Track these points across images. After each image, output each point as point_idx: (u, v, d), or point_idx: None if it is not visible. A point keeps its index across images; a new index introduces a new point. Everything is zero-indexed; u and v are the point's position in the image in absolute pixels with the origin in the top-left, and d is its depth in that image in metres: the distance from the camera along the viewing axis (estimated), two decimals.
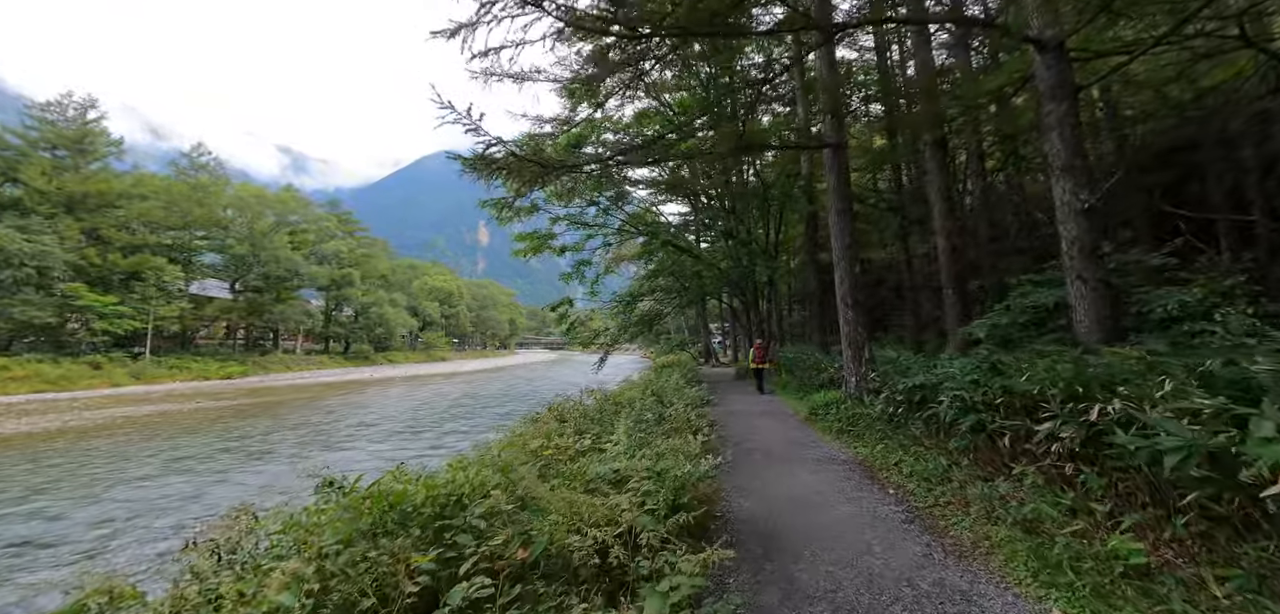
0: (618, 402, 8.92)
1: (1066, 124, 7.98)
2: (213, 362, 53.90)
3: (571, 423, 7.07)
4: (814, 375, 14.36)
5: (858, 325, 10.57)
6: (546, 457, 5.54)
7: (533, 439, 6.33)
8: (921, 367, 8.04)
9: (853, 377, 10.46)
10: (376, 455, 13.70)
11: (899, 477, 6.08)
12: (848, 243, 10.89)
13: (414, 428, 18.93)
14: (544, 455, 5.53)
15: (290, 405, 28.69)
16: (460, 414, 22.00)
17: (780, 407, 13.28)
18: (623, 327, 24.31)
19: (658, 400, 9.58)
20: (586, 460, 5.08)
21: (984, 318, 8.86)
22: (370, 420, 20.89)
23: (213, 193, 58.14)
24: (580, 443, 5.86)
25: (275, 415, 24.42)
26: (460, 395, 31.60)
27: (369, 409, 25.17)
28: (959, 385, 6.10)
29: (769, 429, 9.83)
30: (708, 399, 14.46)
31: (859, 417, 8.86)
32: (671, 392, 11.23)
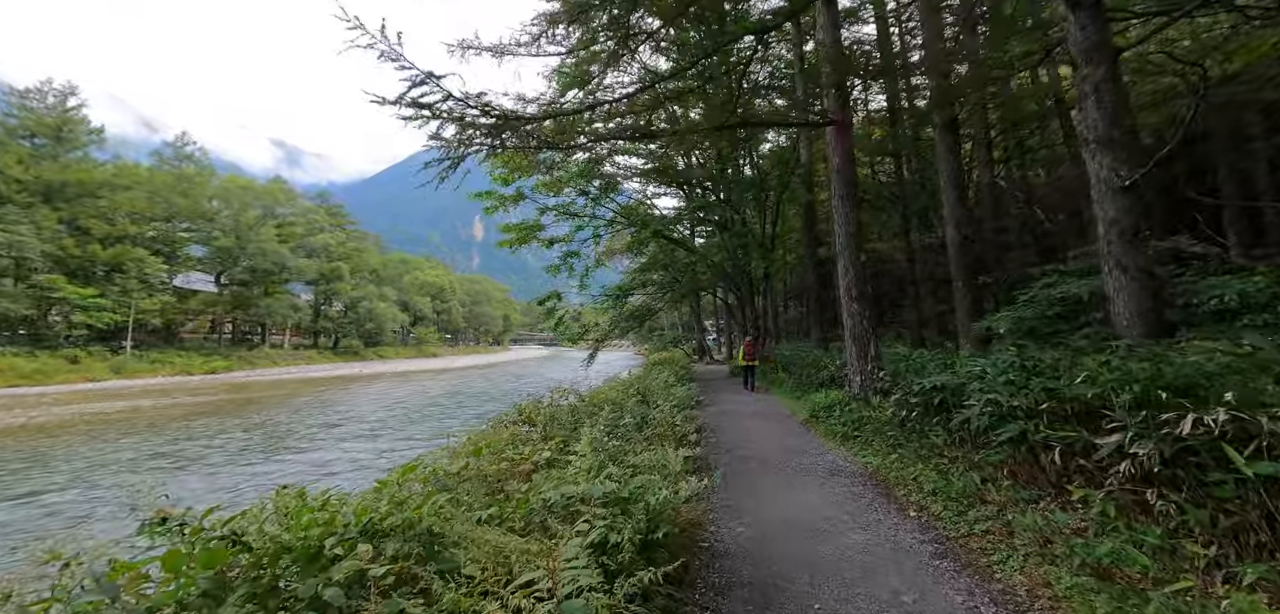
0: (597, 403, 7.94)
1: (1104, 90, 7.04)
2: (197, 356, 52.67)
3: (540, 427, 6.10)
4: (813, 374, 13.41)
5: (863, 320, 9.62)
6: (497, 472, 4.56)
7: (488, 449, 5.34)
8: (938, 365, 7.09)
9: (857, 375, 9.52)
10: (316, 464, 12.53)
11: (920, 494, 5.12)
12: (852, 230, 9.94)
13: (378, 429, 17.77)
14: (494, 471, 4.55)
15: (264, 403, 27.59)
16: (433, 414, 20.84)
17: (777, 407, 12.32)
18: (613, 322, 23.33)
19: (642, 400, 8.60)
20: (543, 478, 4.09)
21: (1005, 310, 7.92)
22: (335, 420, 19.71)
23: (198, 183, 56.82)
24: (540, 454, 4.86)
25: (242, 414, 23.32)
26: (441, 392, 30.48)
27: (340, 408, 23.99)
28: (991, 387, 5.15)
29: (766, 434, 8.87)
30: (698, 398, 13.50)
31: (866, 420, 7.91)
32: (659, 391, 10.25)
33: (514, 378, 42.18)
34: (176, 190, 54.22)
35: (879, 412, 7.78)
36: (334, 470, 12.02)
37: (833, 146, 10.30)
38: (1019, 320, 7.36)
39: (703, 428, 9.15)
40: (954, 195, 12.11)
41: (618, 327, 22.82)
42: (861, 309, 9.63)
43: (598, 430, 5.33)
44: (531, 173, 21.77)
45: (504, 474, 4.62)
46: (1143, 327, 6.58)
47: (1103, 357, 4.83)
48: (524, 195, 21.15)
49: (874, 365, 9.38)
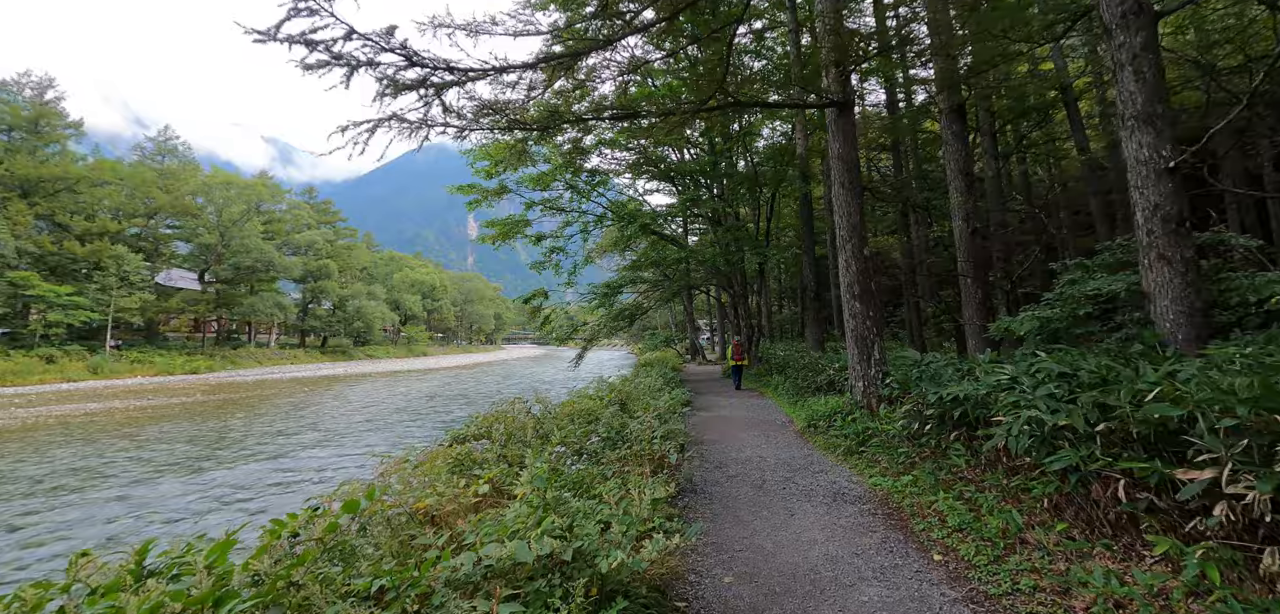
0: (570, 413, 7.04)
1: (1145, 60, 6.21)
2: (179, 356, 51.46)
3: (495, 444, 5.20)
4: (809, 377, 12.55)
5: (866, 320, 8.75)
6: (424, 508, 3.65)
7: (424, 475, 4.43)
8: (955, 371, 6.22)
9: (860, 381, 8.65)
10: (245, 481, 11.28)
11: (944, 531, 4.24)
12: (855, 222, 9.06)
13: (337, 436, 16.45)
14: (422, 506, 3.64)
15: (237, 405, 26.54)
16: (401, 420, 19.47)
17: (772, 414, 11.45)
18: (602, 322, 22.41)
19: (622, 408, 7.70)
20: (473, 525, 3.19)
21: (1027, 309, 7.05)
22: (298, 426, 18.33)
23: (181, 179, 55.52)
24: (480, 486, 3.95)
25: (207, 417, 22.25)
26: (422, 394, 29.30)
27: (310, 411, 22.81)
28: (1027, 401, 4.27)
29: (760, 447, 7.98)
30: (688, 402, 12.62)
31: (871, 433, 7.04)
32: (644, 395, 9.36)
33: (500, 379, 41.18)
34: (158, 186, 52.96)
35: (886, 423, 6.91)
36: (268, 485, 10.87)
37: (833, 131, 9.43)
38: (1043, 322, 6.49)
39: (690, 439, 8.27)
40: (962, 185, 11.25)
41: (606, 326, 21.88)
42: (864, 308, 8.77)
43: (558, 451, 4.42)
44: (517, 166, 20.83)
45: (437, 512, 3.71)
46: (1190, 328, 5.76)
47: (1167, 364, 3.96)
48: (507, 189, 20.20)
49: (878, 370, 8.52)
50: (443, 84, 5.98)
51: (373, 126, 5.49)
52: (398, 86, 5.43)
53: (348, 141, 5.31)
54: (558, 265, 22.58)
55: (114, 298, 45.09)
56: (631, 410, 7.78)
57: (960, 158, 11.53)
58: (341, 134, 5.31)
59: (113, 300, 45.08)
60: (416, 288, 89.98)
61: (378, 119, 5.44)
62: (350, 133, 5.35)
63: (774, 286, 32.59)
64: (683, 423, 7.80)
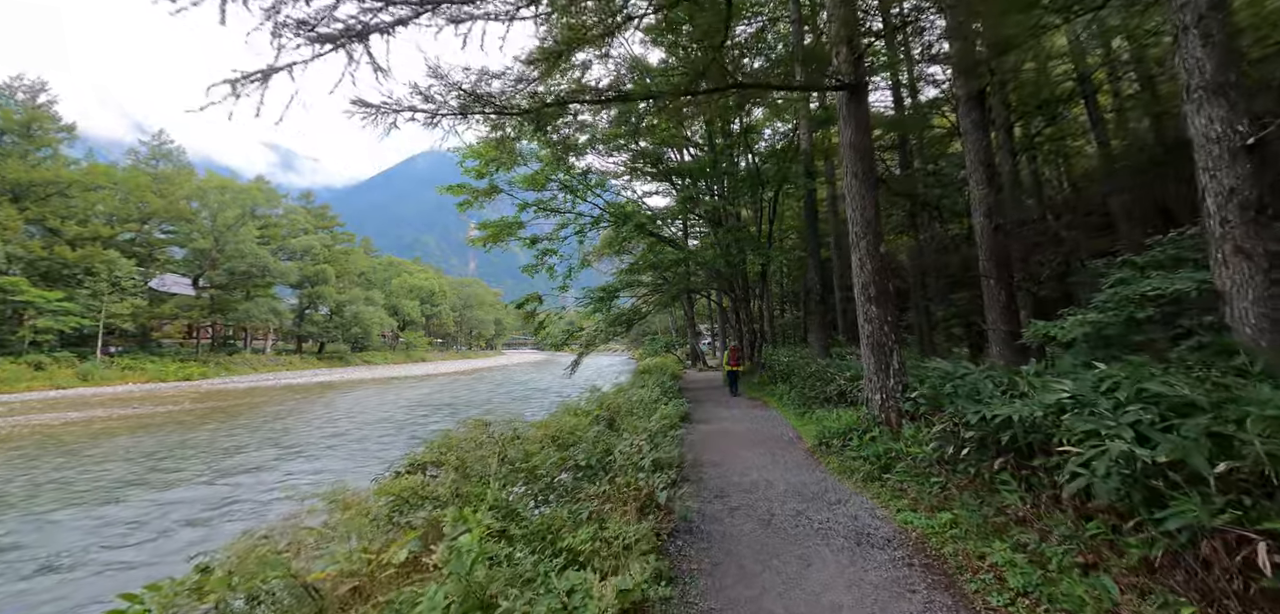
0: (551, 432, 6.13)
1: (1213, 20, 5.33)
2: (172, 362, 50.72)
3: (447, 478, 4.31)
4: (817, 387, 11.62)
5: (884, 325, 7.84)
6: (329, 579, 2.76)
7: (349, 520, 3.53)
8: (997, 384, 5.31)
9: (877, 393, 7.73)
10: (169, 506, 10.27)
11: (1005, 596, 3.32)
12: (870, 216, 8.17)
13: (297, 451, 15.23)
14: (322, 578, 2.75)
15: (222, 414, 25.70)
16: (376, 434, 18.07)
17: (778, 427, 10.53)
18: (598, 327, 21.50)
19: (610, 426, 6.79)
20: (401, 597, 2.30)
21: (1070, 313, 6.14)
22: (253, 443, 16.72)
23: (175, 183, 54.84)
24: (405, 545, 3.05)
25: (187, 427, 21.37)
26: (408, 403, 28.15)
27: (283, 422, 21.68)
28: (1109, 427, 3.36)
29: (766, 469, 7.06)
30: (685, 414, 11.70)
31: (895, 456, 6.13)
32: (637, 409, 8.45)
33: (495, 387, 40.32)
34: (153, 190, 52.32)
35: (914, 445, 6.00)
36: (177, 520, 9.54)
37: (844, 116, 8.54)
38: (1097, 326, 5.58)
39: (686, 464, 7.35)
40: (983, 178, 10.35)
41: (603, 332, 20.96)
42: (882, 312, 7.86)
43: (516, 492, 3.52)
44: (509, 166, 19.98)
45: (349, 581, 2.82)
46: (1276, 333, 4.86)
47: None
48: (498, 189, 19.34)
49: (898, 381, 7.60)
50: (373, 27, 4.97)
51: (264, 75, 4.49)
52: (304, 29, 4.46)
53: (231, 96, 4.35)
54: (552, 269, 21.70)
55: (105, 304, 44.36)
56: (621, 428, 6.88)
57: (980, 148, 10.64)
58: (231, 89, 4.34)
59: (104, 306, 44.36)
60: (415, 293, 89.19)
61: (269, 69, 4.43)
62: (243, 87, 4.39)
63: (776, 291, 31.65)
64: (678, 446, 6.88)
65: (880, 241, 8.13)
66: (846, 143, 8.44)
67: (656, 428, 6.39)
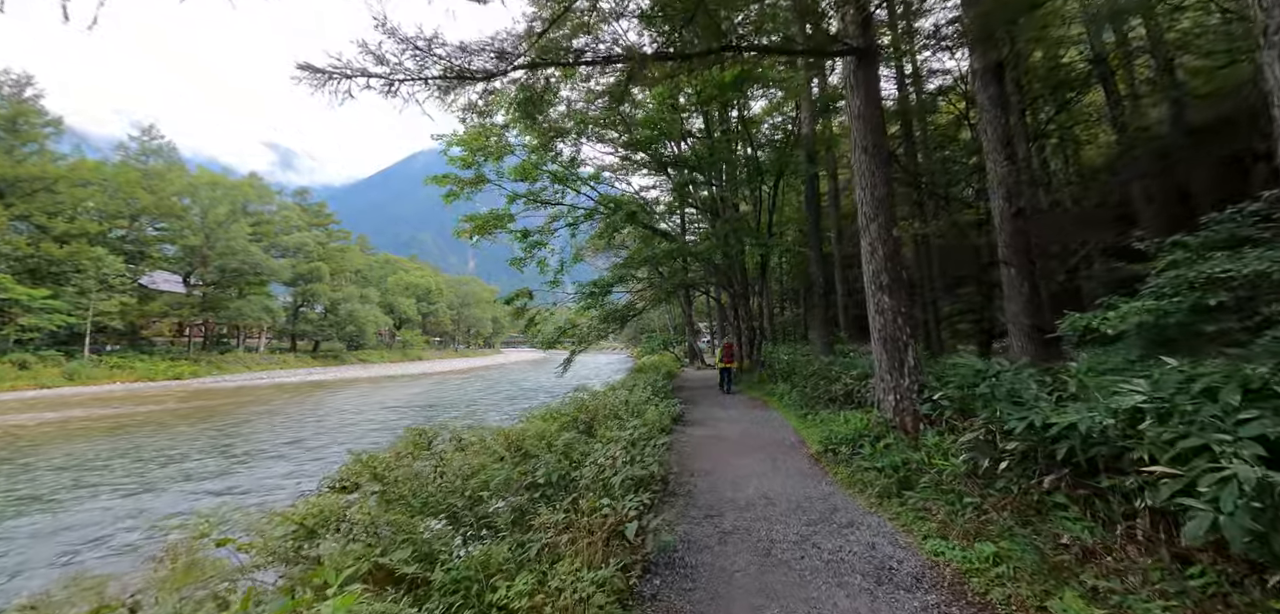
0: (513, 440, 5.26)
1: None
2: (161, 361, 49.79)
3: (367, 496, 3.45)
4: (821, 387, 10.74)
5: (897, 318, 6.98)
6: None
7: None
8: (1042, 384, 4.44)
9: (891, 394, 6.86)
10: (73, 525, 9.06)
11: None
12: (882, 195, 7.29)
13: (251, 458, 13.98)
14: None
15: (195, 414, 24.87)
16: (341, 440, 16.37)
17: (778, 430, 9.66)
18: (592, 324, 20.62)
19: (587, 433, 5.91)
20: None
21: (1124, 301, 5.25)
22: (207, 449, 15.35)
23: (167, 179, 53.88)
24: None
25: (159, 429, 20.44)
26: (393, 404, 26.81)
27: (251, 425, 20.53)
28: (1228, 442, 2.49)
29: (765, 479, 6.19)
30: (678, 416, 10.83)
31: (916, 468, 5.25)
32: (621, 414, 7.58)
33: (486, 386, 39.45)
34: (142, 186, 51.36)
35: (938, 456, 5.12)
36: (79, 539, 8.48)
37: (852, 86, 7.67)
38: (1158, 314, 4.70)
39: (675, 468, 6.48)
40: (1002, 157, 9.46)
41: (595, 329, 20.07)
42: (895, 303, 6.99)
43: (434, 528, 2.65)
44: (498, 158, 19.12)
45: None
46: None
47: None
48: (485, 179, 18.44)
49: (913, 380, 6.73)
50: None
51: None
52: None
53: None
54: (544, 263, 20.82)
55: (93, 301, 43.47)
56: (601, 433, 6.00)
57: (999, 125, 9.74)
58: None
59: (91, 304, 43.48)
60: (411, 291, 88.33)
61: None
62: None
63: (775, 288, 30.75)
64: (664, 454, 5.99)
65: (893, 224, 7.26)
66: (855, 114, 7.57)
67: (637, 436, 5.53)
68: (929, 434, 5.74)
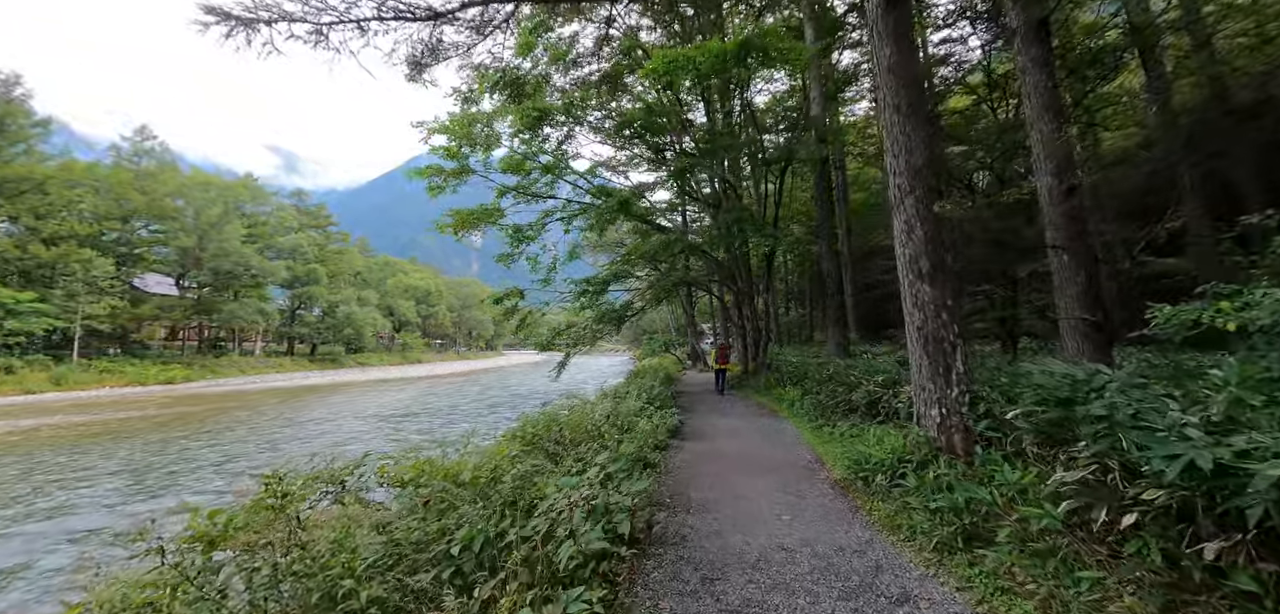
0: (451, 473, 3.97)
1: None
2: (154, 365, 48.67)
3: None
4: (839, 394, 9.37)
5: (942, 312, 5.64)
6: None
7: None
8: (1175, 404, 3.10)
9: (934, 407, 5.53)
10: None
11: None
12: (919, 164, 5.95)
13: (170, 480, 12.22)
14: None
15: (174, 422, 23.67)
16: (290, 453, 15.15)
17: (791, 446, 8.31)
18: (587, 324, 19.30)
19: (551, 459, 4.60)
20: None
21: (1261, 287, 3.90)
22: (120, 467, 13.43)
23: (159, 180, 52.85)
24: None
25: (110, 439, 19.09)
26: (375, 411, 25.11)
27: (218, 435, 18.89)
28: None
29: (780, 522, 4.87)
30: (675, 428, 9.51)
31: (982, 508, 3.91)
32: (604, 432, 6.26)
33: (481, 390, 38.32)
34: (134, 187, 50.35)
35: (1018, 495, 3.78)
36: None
37: (880, 37, 6.36)
38: None
39: (665, 500, 5.17)
40: (1050, 126, 8.12)
41: (591, 330, 18.75)
42: (938, 294, 5.66)
43: None
44: (488, 148, 17.85)
45: None
46: None
47: None
48: (470, 169, 17.15)
49: (963, 390, 5.40)
50: None
51: None
52: None
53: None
54: (535, 260, 19.49)
55: (81, 304, 42.41)
56: (569, 459, 4.69)
57: (1045, 92, 8.40)
58: None
59: (80, 307, 42.42)
60: (410, 293, 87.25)
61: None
62: None
63: (780, 287, 29.37)
64: (649, 486, 4.66)
65: (934, 197, 5.93)
66: (885, 67, 6.24)
67: (636, 445, 4.22)
68: (991, 458, 4.38)
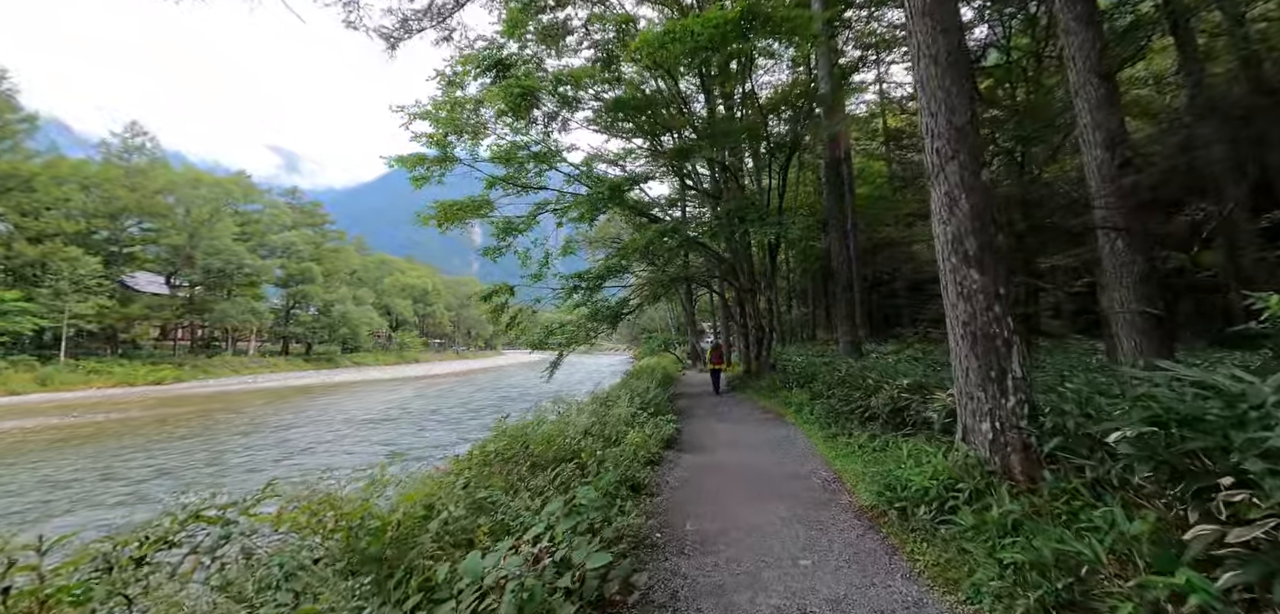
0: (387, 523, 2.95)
1: None
2: (143, 366, 47.61)
3: None
4: (855, 399, 8.30)
5: (993, 303, 4.58)
6: None
7: None
8: None
9: (985, 419, 4.47)
10: None
11: None
12: (963, 123, 4.89)
13: (82, 496, 11.25)
14: None
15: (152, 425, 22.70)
16: (238, 466, 13.82)
17: (804, 459, 7.24)
18: (579, 322, 18.23)
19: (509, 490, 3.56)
20: None
21: None
22: (63, 478, 12.82)
23: (148, 176, 51.83)
24: None
25: (66, 444, 18.12)
26: (360, 414, 23.95)
27: (189, 441, 17.77)
28: None
29: (797, 568, 3.82)
30: (671, 437, 8.46)
31: (1084, 568, 2.87)
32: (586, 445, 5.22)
33: (473, 391, 37.14)
34: (124, 184, 49.33)
35: (1119, 544, 2.73)
36: None
37: None
38: None
39: (654, 537, 4.12)
40: (1099, 92, 7.05)
41: (583, 328, 17.68)
42: (988, 281, 4.60)
43: None
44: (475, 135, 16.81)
45: None
46: None
47: None
48: (455, 158, 16.08)
49: (1021, 400, 4.35)
50: None
51: None
52: None
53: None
54: (525, 255, 18.41)
55: (68, 303, 41.37)
56: (535, 485, 3.63)
57: (1091, 53, 7.32)
58: None
59: (67, 306, 41.37)
60: (407, 292, 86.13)
61: None
62: None
63: (782, 285, 28.28)
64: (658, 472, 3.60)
65: (981, 165, 4.87)
66: (919, 10, 5.18)
67: (617, 472, 3.18)
68: (1066, 488, 3.33)
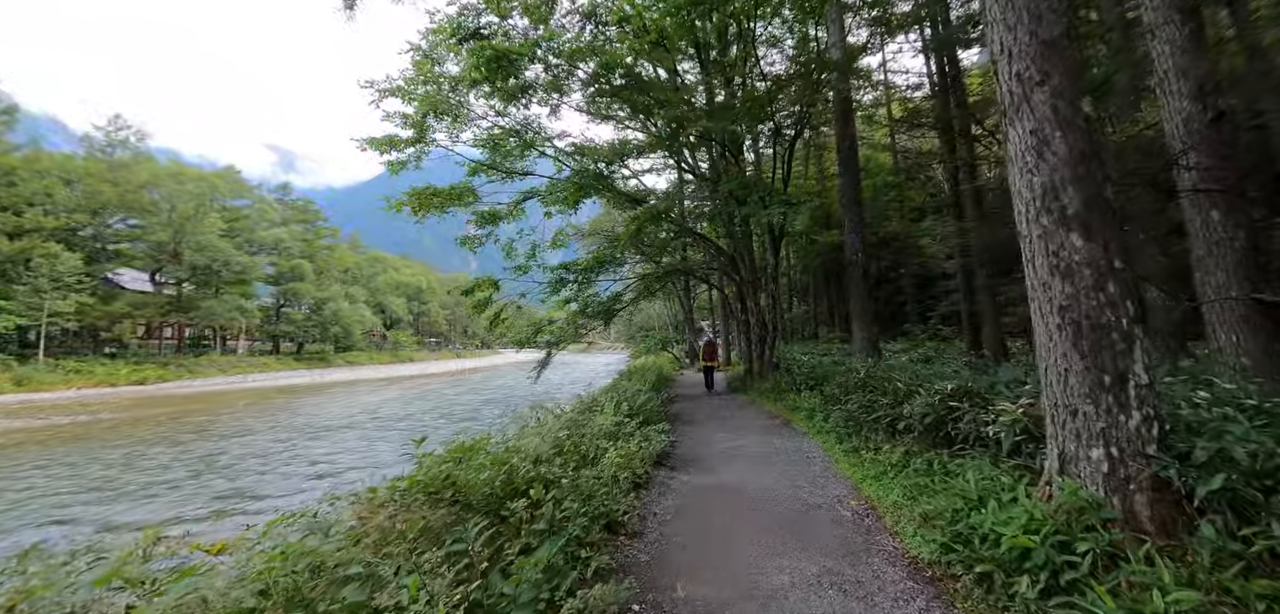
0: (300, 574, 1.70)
1: None
2: (125, 365, 46.29)
3: None
4: (879, 407, 6.96)
5: (1107, 282, 3.29)
6: None
7: None
8: None
9: (1098, 444, 3.18)
10: None
11: None
12: (1057, 34, 3.59)
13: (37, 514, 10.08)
14: None
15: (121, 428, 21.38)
16: (181, 480, 12.45)
17: (824, 483, 5.91)
18: (569, 319, 16.97)
19: (430, 534, 2.26)
20: None
21: None
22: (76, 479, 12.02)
23: (132, 171, 50.47)
24: None
25: (18, 449, 16.84)
26: (338, 421, 22.72)
27: (145, 449, 16.23)
28: None
29: None
30: (664, 451, 7.14)
31: None
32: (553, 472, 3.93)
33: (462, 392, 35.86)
34: (106, 178, 47.99)
35: None
36: None
37: None
38: None
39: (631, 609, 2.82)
40: (1185, 33, 5.76)
41: (572, 326, 16.41)
42: (1097, 248, 3.29)
43: None
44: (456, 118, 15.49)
45: None
46: None
47: None
48: (428, 139, 14.74)
49: (1148, 417, 3.07)
50: None
51: None
52: None
53: None
54: (511, 247, 17.13)
55: (47, 301, 40.05)
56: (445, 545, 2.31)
57: None
58: None
59: (46, 304, 40.05)
60: (402, 290, 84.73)
61: None
62: None
63: (783, 281, 27.00)
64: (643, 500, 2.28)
65: (1078, 92, 3.57)
66: None
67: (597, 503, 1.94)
68: (1187, 535, 2.05)
